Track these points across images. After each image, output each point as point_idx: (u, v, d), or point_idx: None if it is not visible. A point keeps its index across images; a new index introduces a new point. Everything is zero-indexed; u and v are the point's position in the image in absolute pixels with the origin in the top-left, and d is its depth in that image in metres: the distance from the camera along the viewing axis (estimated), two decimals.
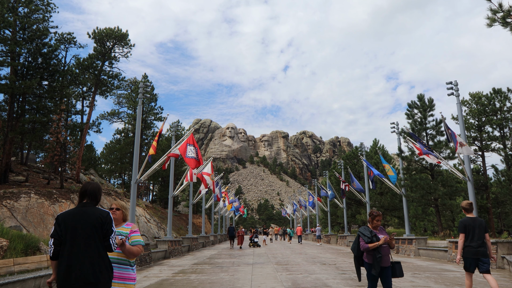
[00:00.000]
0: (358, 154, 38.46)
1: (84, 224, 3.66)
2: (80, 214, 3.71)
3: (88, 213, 3.73)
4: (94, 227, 3.68)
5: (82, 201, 3.87)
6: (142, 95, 18.74)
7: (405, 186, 23.83)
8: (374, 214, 5.98)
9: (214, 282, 10.79)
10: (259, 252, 24.88)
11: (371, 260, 5.72)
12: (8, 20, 26.42)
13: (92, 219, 3.70)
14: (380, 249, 5.69)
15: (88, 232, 3.65)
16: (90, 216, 3.72)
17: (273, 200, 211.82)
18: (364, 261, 5.88)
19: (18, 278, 8.66)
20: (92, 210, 3.79)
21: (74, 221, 3.67)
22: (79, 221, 3.67)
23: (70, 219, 3.68)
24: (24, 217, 21.82)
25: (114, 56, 39.15)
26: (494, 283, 6.83)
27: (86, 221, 3.68)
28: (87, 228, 3.66)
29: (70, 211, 3.76)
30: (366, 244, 5.70)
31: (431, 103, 24.25)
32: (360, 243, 5.81)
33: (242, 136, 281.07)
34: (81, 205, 3.82)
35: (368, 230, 5.83)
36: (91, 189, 3.89)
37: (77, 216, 3.70)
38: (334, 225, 48.99)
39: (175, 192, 24.29)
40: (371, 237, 5.71)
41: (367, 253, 5.78)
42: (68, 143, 29.73)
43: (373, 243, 5.67)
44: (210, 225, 52.41)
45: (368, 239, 5.70)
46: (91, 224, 3.68)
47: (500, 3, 9.45)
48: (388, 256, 5.87)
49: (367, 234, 5.75)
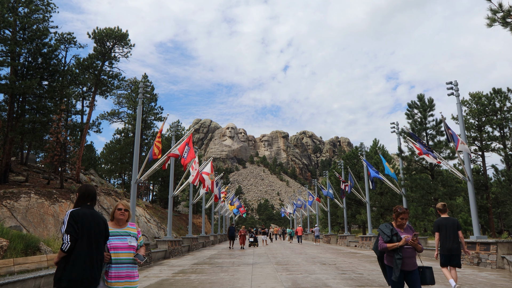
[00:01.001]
0: (358, 154, 38.46)
1: (97, 226, 3.94)
2: (92, 216, 3.96)
3: (97, 216, 4.00)
4: (102, 230, 4.00)
5: (86, 203, 4.05)
6: (142, 95, 18.74)
7: (405, 186, 23.84)
8: (398, 211, 5.25)
9: (214, 282, 10.79)
10: (259, 252, 24.88)
11: (390, 262, 5.13)
12: (8, 20, 26.42)
13: (101, 222, 4.00)
14: (400, 251, 5.01)
15: (98, 234, 3.94)
16: (100, 220, 4.00)
17: (273, 200, 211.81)
18: (385, 263, 5.28)
19: (18, 278, 8.66)
20: (98, 214, 4.05)
21: (90, 222, 3.91)
22: (93, 222, 3.92)
23: (87, 219, 3.90)
24: (24, 217, 21.82)
25: (114, 56, 39.15)
26: (455, 275, 7.91)
27: (98, 224, 3.96)
28: (98, 231, 3.95)
29: (84, 211, 3.95)
30: (385, 243, 5.10)
31: (431, 103, 24.25)
32: (378, 242, 5.23)
33: (242, 136, 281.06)
34: (87, 207, 4.02)
35: (388, 228, 5.19)
36: (94, 193, 4.11)
37: (91, 218, 3.93)
38: (334, 225, 49.00)
39: (175, 192, 24.29)
40: (391, 236, 5.08)
41: (387, 255, 5.18)
42: (68, 143, 29.73)
43: (392, 243, 5.05)
44: (210, 225, 52.40)
45: (387, 238, 5.08)
46: (101, 227, 3.98)
47: (500, 3, 9.44)
48: (413, 259, 5.16)
49: (387, 232, 5.14)
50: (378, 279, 10.75)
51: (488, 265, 13.66)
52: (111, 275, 4.12)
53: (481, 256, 14.15)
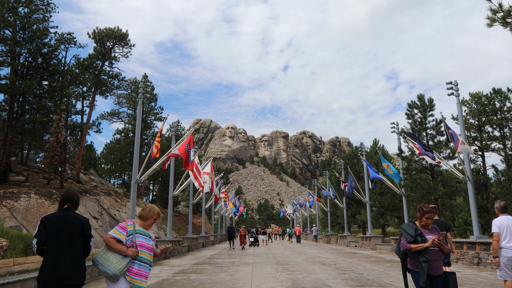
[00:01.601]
0: (358, 154, 38.45)
1: (68, 227, 4.08)
2: (64, 218, 4.12)
3: (71, 217, 4.16)
4: (76, 231, 4.12)
5: (64, 206, 4.27)
6: (142, 95, 18.74)
7: (405, 186, 23.84)
8: (424, 209, 4.76)
9: (214, 282, 10.79)
10: (259, 252, 24.88)
11: (414, 266, 4.67)
12: (8, 20, 26.41)
13: (75, 223, 4.14)
14: (426, 253, 4.57)
15: (71, 234, 4.08)
16: (73, 220, 4.14)
17: (273, 200, 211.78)
18: (408, 267, 4.80)
19: (18, 278, 8.66)
20: (74, 215, 4.21)
21: (59, 224, 4.07)
22: (64, 224, 4.08)
23: (56, 221, 4.07)
24: (24, 217, 21.81)
25: (114, 56, 39.15)
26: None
27: (69, 225, 4.10)
28: (70, 231, 4.08)
29: (55, 214, 4.15)
30: (408, 244, 4.65)
31: (431, 103, 24.25)
32: (401, 242, 4.78)
33: (242, 136, 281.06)
34: (63, 210, 4.22)
35: (412, 227, 4.75)
36: (72, 196, 4.30)
37: (62, 219, 4.10)
38: (334, 225, 48.99)
39: (175, 192, 24.29)
40: (415, 236, 4.64)
41: (411, 258, 4.73)
42: (68, 143, 29.72)
43: (417, 243, 4.62)
44: (210, 225, 52.40)
45: (410, 238, 4.64)
46: (74, 228, 4.11)
47: (500, 3, 9.44)
48: (440, 263, 4.70)
49: (410, 232, 4.69)
50: (378, 279, 10.75)
51: (488, 265, 13.66)
52: (133, 271, 4.20)
53: (481, 256, 14.15)
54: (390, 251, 23.02)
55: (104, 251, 4.19)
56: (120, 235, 4.23)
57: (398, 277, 11.18)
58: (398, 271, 12.67)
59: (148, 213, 4.47)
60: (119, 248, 4.16)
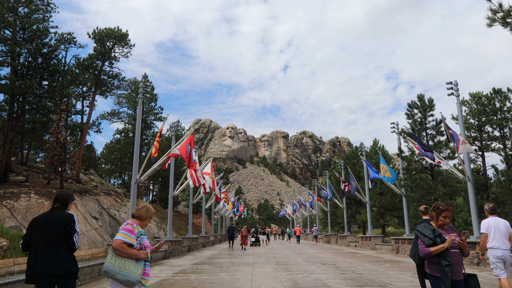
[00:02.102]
0: (358, 154, 38.46)
1: (50, 225, 4.28)
2: (48, 217, 4.36)
3: (54, 216, 4.36)
4: (58, 228, 4.28)
5: (54, 206, 4.52)
6: (142, 95, 18.74)
7: (405, 186, 23.84)
8: (440, 208, 4.40)
9: (214, 282, 10.79)
10: (259, 252, 24.88)
11: (434, 271, 4.23)
12: (8, 20, 26.41)
13: (58, 221, 4.32)
14: (448, 256, 4.15)
15: (53, 232, 4.25)
16: (56, 218, 4.34)
17: (273, 200, 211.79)
18: (427, 272, 4.36)
19: (18, 278, 8.66)
20: (58, 213, 4.41)
21: (43, 222, 4.32)
22: (47, 222, 4.31)
23: (40, 221, 4.35)
24: (24, 217, 21.81)
25: (114, 56, 39.15)
26: None
27: (52, 223, 4.30)
28: (53, 229, 4.27)
29: (42, 214, 4.45)
30: (427, 247, 4.22)
31: (431, 103, 24.25)
32: (419, 247, 4.35)
33: (242, 136, 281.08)
34: (52, 209, 4.48)
35: (429, 228, 4.35)
36: (60, 196, 4.55)
37: (46, 218, 4.35)
38: (334, 225, 48.99)
39: (175, 192, 24.29)
40: (434, 237, 4.23)
41: (429, 261, 4.29)
42: (68, 143, 29.72)
43: (436, 245, 4.19)
44: (210, 225, 52.40)
45: (429, 241, 4.21)
46: (56, 225, 4.29)
47: (500, 3, 9.44)
48: (461, 267, 4.28)
49: (428, 233, 4.27)
50: (378, 279, 10.76)
51: (488, 265, 13.66)
52: (145, 273, 4.21)
53: None
54: (390, 251, 23.02)
55: (115, 259, 4.06)
56: (131, 239, 4.14)
57: (398, 277, 11.18)
58: (398, 271, 12.67)
59: (146, 213, 4.43)
60: (132, 253, 4.08)
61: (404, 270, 13.05)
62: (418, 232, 4.41)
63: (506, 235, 6.94)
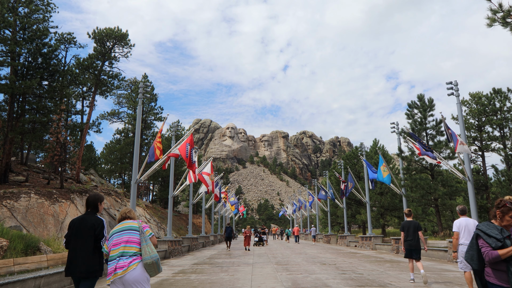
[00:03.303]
0: (358, 154, 38.45)
1: (83, 229, 4.98)
2: (82, 220, 5.05)
3: (87, 220, 5.04)
4: (89, 232, 4.95)
5: (87, 210, 5.19)
6: (142, 95, 18.74)
7: (405, 186, 23.83)
8: (508, 206, 3.63)
9: (214, 282, 10.79)
10: (259, 252, 24.88)
11: (501, 279, 3.45)
12: (8, 20, 26.40)
13: (89, 225, 4.98)
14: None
15: (85, 234, 4.94)
16: (88, 223, 5.00)
17: (273, 200, 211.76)
18: (489, 281, 3.56)
19: (18, 278, 8.66)
20: (90, 218, 5.06)
21: (78, 225, 5.03)
22: (80, 226, 5.01)
23: (76, 223, 5.06)
24: (24, 217, 21.81)
25: (114, 56, 39.13)
26: (421, 265, 9.80)
27: (84, 226, 4.99)
28: (85, 232, 4.95)
29: (77, 218, 5.15)
30: (495, 250, 3.45)
31: (431, 103, 24.26)
32: (481, 250, 3.58)
33: (242, 136, 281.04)
34: (85, 213, 5.16)
35: (495, 227, 3.60)
36: (91, 201, 5.19)
37: (81, 222, 5.05)
38: (334, 225, 48.97)
39: (175, 192, 24.29)
40: (502, 239, 3.48)
41: (494, 268, 3.50)
42: (68, 143, 29.70)
43: (506, 248, 3.43)
44: (210, 225, 52.40)
45: (497, 243, 3.46)
46: (87, 229, 4.96)
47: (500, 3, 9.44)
48: None
49: (494, 233, 3.53)
50: (378, 279, 10.76)
51: None
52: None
53: None
54: (390, 251, 23.01)
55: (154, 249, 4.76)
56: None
57: (398, 277, 11.18)
58: (398, 271, 12.67)
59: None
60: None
61: (404, 270, 13.05)
62: (480, 232, 3.66)
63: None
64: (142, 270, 4.47)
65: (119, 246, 4.54)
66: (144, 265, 4.48)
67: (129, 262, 4.45)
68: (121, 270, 4.38)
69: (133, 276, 4.38)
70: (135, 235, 4.64)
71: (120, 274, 4.37)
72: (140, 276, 4.42)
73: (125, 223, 4.77)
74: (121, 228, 4.72)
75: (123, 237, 4.61)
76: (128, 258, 4.47)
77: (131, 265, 4.43)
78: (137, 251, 4.56)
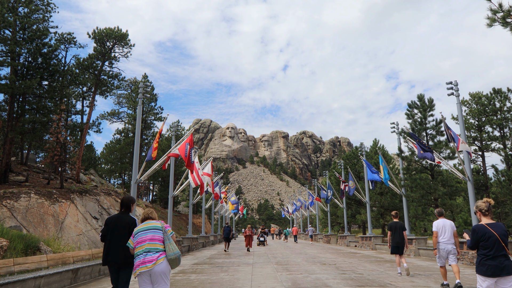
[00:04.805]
0: (358, 154, 38.45)
1: (119, 226, 5.88)
2: (118, 218, 5.97)
3: (123, 218, 5.96)
4: (124, 228, 5.84)
5: (121, 210, 6.11)
6: (142, 95, 18.74)
7: (405, 186, 23.83)
8: None
9: (214, 282, 10.79)
10: (259, 252, 24.88)
11: None
12: (8, 20, 26.39)
13: (124, 223, 5.90)
14: None
15: (121, 231, 5.83)
16: (124, 221, 5.93)
17: (273, 200, 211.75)
18: None
19: (18, 278, 8.66)
20: (125, 217, 5.99)
21: (115, 222, 5.93)
22: (117, 223, 5.92)
23: (113, 220, 5.97)
24: (24, 217, 21.81)
25: (114, 56, 39.12)
26: (404, 260, 11.51)
27: (120, 224, 5.89)
28: (120, 229, 5.85)
29: (113, 216, 6.07)
30: None
31: (431, 103, 24.25)
32: None
33: (242, 136, 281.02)
34: (120, 213, 6.09)
35: None
36: (124, 202, 6.13)
37: (117, 219, 5.97)
38: (334, 225, 48.98)
39: (175, 192, 24.29)
40: None
41: None
42: (68, 143, 29.69)
43: None
44: (210, 225, 52.39)
45: None
46: (123, 227, 5.85)
47: (500, 3, 9.44)
48: None
49: None
50: (378, 279, 10.76)
51: None
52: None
53: None
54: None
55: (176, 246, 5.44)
56: None
57: (398, 277, 11.18)
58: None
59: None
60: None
61: (404, 270, 13.04)
62: None
63: (451, 232, 9.25)
64: (167, 264, 5.26)
65: (144, 243, 5.28)
66: (168, 260, 5.27)
67: (157, 257, 5.21)
68: (151, 263, 5.14)
69: (160, 268, 5.18)
70: (158, 234, 5.38)
71: (151, 266, 5.13)
72: (165, 268, 5.23)
73: (149, 223, 5.49)
74: (145, 227, 5.44)
75: (147, 235, 5.34)
76: (155, 253, 5.23)
77: (159, 259, 5.21)
78: (162, 248, 5.29)
